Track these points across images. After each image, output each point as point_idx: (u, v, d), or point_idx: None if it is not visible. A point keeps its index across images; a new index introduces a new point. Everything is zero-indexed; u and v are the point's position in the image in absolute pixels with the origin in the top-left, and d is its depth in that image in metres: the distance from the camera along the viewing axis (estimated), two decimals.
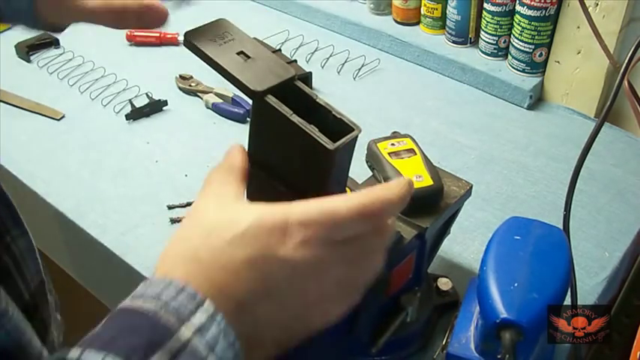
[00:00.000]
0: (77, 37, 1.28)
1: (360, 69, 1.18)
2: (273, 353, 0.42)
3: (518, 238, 0.61)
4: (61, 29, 0.55)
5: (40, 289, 0.54)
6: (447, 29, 1.17)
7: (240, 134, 0.48)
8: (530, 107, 1.09)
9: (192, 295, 0.36)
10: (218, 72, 0.47)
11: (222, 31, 0.49)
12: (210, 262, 0.38)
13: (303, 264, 0.39)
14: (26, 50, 1.22)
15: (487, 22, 1.09)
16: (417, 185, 0.64)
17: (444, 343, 0.71)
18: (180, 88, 1.14)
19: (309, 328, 0.42)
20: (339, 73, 1.18)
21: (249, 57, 0.47)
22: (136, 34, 1.26)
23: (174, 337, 0.34)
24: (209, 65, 0.47)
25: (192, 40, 0.47)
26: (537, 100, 1.10)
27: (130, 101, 1.09)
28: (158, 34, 1.26)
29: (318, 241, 0.39)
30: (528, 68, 1.08)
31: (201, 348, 0.35)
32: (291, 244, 0.38)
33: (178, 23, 1.30)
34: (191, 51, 0.47)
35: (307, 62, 1.20)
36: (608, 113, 0.70)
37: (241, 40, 0.49)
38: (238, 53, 0.48)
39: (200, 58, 0.47)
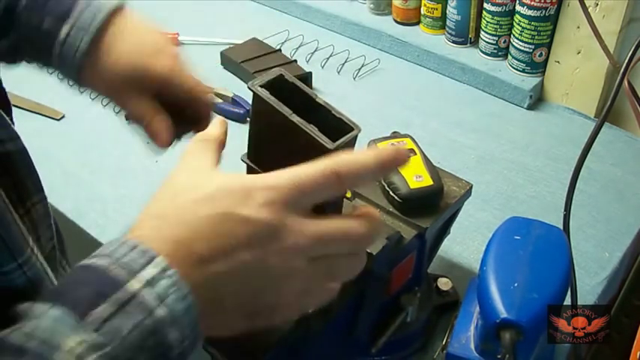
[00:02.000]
0: None
1: (360, 69, 1.18)
2: (240, 324, 0.41)
3: (518, 238, 0.61)
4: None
5: (52, 254, 0.55)
6: (447, 29, 1.17)
7: (240, 134, 0.48)
8: (530, 107, 1.09)
9: (143, 252, 0.37)
10: None
11: None
12: (174, 218, 0.39)
13: (264, 225, 0.39)
14: None
15: (487, 22, 1.09)
16: (417, 185, 0.64)
17: (444, 343, 0.71)
18: None
19: (281, 304, 0.41)
20: (339, 73, 1.18)
21: None
22: None
23: (122, 288, 0.35)
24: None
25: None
26: (537, 100, 1.10)
27: None
28: None
29: (282, 204, 0.39)
30: (528, 68, 1.08)
31: (150, 299, 0.35)
32: (254, 204, 0.39)
33: (178, 23, 1.31)
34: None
35: (307, 62, 1.20)
36: (608, 113, 0.70)
37: None
38: None
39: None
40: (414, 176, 0.65)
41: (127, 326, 0.34)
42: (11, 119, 0.54)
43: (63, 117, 1.09)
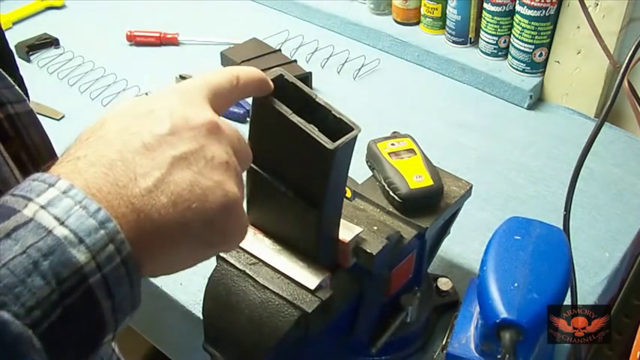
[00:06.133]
0: (77, 37, 1.28)
1: (360, 69, 1.18)
2: (177, 217, 0.36)
3: (518, 238, 0.61)
4: None
5: None
6: (447, 29, 1.17)
7: None
8: (530, 107, 1.09)
9: (44, 179, 0.34)
10: None
11: None
12: (96, 142, 0.40)
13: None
14: (26, 50, 1.22)
15: (487, 22, 1.09)
16: (417, 185, 0.64)
17: (444, 343, 0.71)
18: None
19: (207, 198, 0.37)
20: (339, 73, 1.18)
21: None
22: (135, 34, 1.26)
23: (12, 217, 0.32)
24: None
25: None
26: (537, 100, 1.10)
27: None
28: (158, 34, 1.26)
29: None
30: (528, 68, 1.08)
31: (45, 221, 0.32)
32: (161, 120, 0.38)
33: (178, 23, 1.31)
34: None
35: (307, 62, 1.20)
36: (608, 113, 0.70)
37: None
38: None
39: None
40: (414, 176, 0.65)
41: (13, 252, 0.31)
42: (15, 72, 0.51)
43: (63, 117, 1.09)
